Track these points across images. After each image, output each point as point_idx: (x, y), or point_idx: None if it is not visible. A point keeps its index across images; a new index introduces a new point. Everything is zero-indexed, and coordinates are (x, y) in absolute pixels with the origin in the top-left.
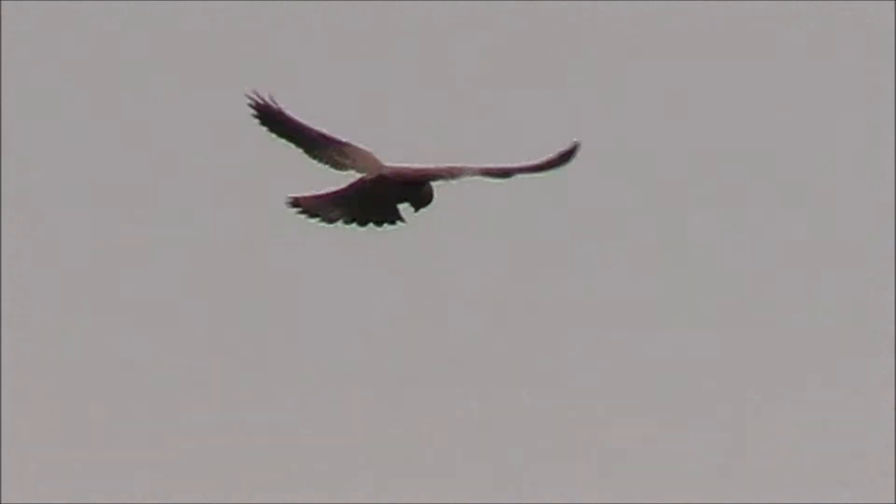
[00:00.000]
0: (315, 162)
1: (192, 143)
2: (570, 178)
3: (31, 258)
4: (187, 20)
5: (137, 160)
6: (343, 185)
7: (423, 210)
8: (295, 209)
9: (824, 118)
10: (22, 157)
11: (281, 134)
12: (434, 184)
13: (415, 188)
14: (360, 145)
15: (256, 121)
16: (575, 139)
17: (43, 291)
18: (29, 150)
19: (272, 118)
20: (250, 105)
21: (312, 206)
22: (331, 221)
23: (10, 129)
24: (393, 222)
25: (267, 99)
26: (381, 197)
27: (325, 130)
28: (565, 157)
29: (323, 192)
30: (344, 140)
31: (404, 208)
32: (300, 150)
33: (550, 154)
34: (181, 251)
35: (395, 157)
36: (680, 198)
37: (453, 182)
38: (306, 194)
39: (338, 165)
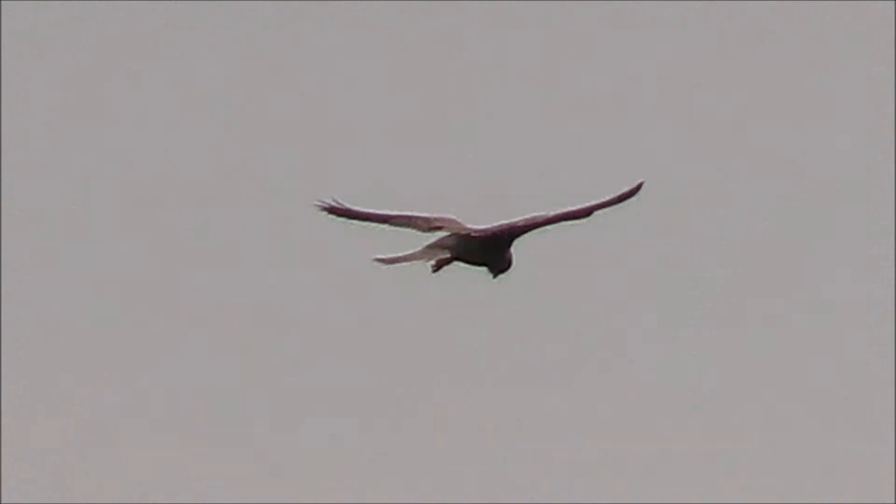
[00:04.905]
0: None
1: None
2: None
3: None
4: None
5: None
6: (427, 243)
7: (501, 276)
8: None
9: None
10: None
11: (357, 221)
12: (517, 240)
13: (497, 253)
14: (444, 214)
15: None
16: (640, 179)
17: (46, 294)
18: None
19: (344, 215)
20: (321, 210)
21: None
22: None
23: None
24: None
25: (333, 202)
26: (464, 258)
27: (400, 212)
28: (630, 194)
29: (409, 252)
30: (426, 214)
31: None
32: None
33: (619, 191)
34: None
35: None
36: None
37: (534, 232)
38: (392, 256)
39: (424, 230)
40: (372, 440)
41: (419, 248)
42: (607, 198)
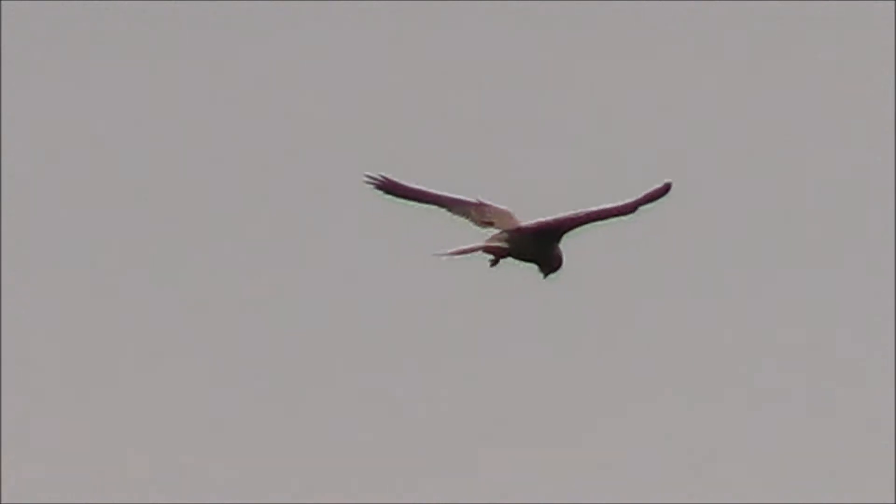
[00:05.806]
0: (453, 217)
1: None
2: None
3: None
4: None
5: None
6: (483, 240)
7: (552, 275)
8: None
9: None
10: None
11: (406, 200)
12: (565, 236)
13: (546, 249)
14: (494, 203)
15: (380, 194)
16: (668, 180)
17: (50, 296)
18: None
19: (394, 191)
20: (370, 185)
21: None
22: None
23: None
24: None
25: (383, 177)
26: (515, 254)
27: (451, 193)
28: (658, 195)
29: (469, 246)
30: (476, 200)
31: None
32: (432, 208)
33: (645, 192)
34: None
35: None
36: None
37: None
38: (453, 250)
39: (477, 223)
40: (373, 440)
41: (474, 244)
42: (648, 191)
